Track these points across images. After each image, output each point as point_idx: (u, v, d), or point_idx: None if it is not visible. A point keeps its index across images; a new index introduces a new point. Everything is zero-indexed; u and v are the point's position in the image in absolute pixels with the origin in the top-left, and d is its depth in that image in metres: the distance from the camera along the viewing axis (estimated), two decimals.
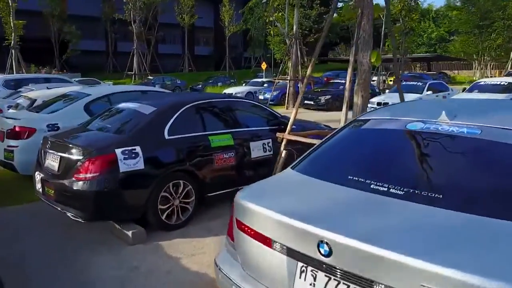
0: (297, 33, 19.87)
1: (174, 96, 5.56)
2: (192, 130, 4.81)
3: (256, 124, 5.62)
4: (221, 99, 5.43)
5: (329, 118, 15.89)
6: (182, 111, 4.81)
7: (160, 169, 4.39)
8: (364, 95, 5.02)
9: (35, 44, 35.45)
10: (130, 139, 4.34)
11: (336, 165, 2.59)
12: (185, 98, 5.21)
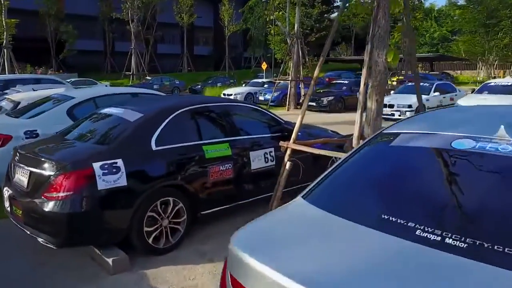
0: (298, 32, 19.27)
1: (165, 100, 4.96)
2: (184, 139, 4.22)
3: (257, 131, 5.03)
4: (217, 103, 4.84)
5: (332, 120, 15.33)
6: (172, 117, 4.22)
7: (146, 185, 3.80)
8: (379, 99, 4.43)
9: (31, 44, 34.88)
10: (110, 151, 3.75)
11: (363, 196, 1.99)
12: (176, 103, 4.62)
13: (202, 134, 4.45)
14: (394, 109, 14.51)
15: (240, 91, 22.77)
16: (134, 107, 4.46)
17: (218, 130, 4.67)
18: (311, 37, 25.93)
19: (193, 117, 4.48)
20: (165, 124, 4.12)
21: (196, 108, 4.52)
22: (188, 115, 4.40)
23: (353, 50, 57.69)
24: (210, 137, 4.46)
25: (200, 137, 4.38)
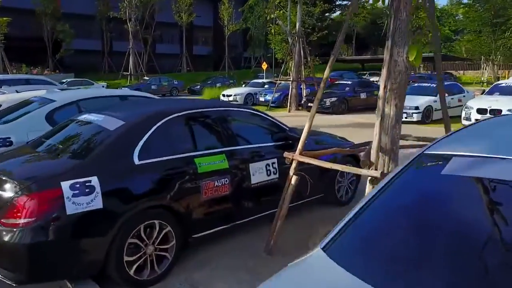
0: (300, 31, 18.67)
1: (152, 105, 4.36)
2: (173, 151, 3.62)
3: (258, 139, 4.43)
4: (212, 108, 4.23)
5: (336, 122, 14.73)
6: (159, 125, 3.62)
7: (127, 207, 3.20)
8: (398, 104, 3.83)
9: (27, 44, 34.28)
10: (84, 166, 3.15)
11: (406, 254, 1.38)
12: (165, 108, 4.02)
13: (194, 144, 3.85)
14: None
15: (240, 91, 22.17)
16: (115, 113, 3.86)
17: (212, 139, 4.07)
18: (313, 37, 25.29)
19: (183, 125, 3.89)
20: (150, 133, 3.53)
21: (187, 114, 3.92)
22: (177, 123, 3.80)
23: (354, 50, 57.11)
24: (203, 148, 3.86)
25: (192, 148, 3.79)
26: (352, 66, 43.16)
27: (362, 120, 15.15)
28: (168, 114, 3.76)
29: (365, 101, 18.12)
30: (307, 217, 5.01)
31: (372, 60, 45.50)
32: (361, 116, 16.15)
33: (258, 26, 40.72)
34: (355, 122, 14.76)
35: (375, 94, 18.72)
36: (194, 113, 3.99)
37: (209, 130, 4.12)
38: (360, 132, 12.31)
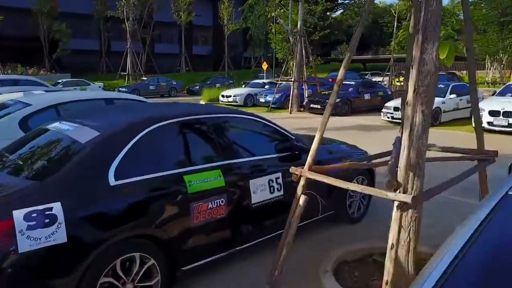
0: (301, 30, 18.06)
1: (136, 111, 3.75)
2: (157, 167, 3.02)
3: (260, 150, 3.82)
4: (206, 114, 3.61)
5: (340, 124, 14.11)
6: (141, 136, 3.01)
7: (99, 240, 2.60)
8: (425, 110, 3.23)
9: (23, 43, 33.68)
10: (44, 190, 2.54)
11: None
12: (151, 114, 3.41)
13: (183, 158, 3.25)
14: None
15: (240, 92, 21.56)
16: (91, 121, 3.25)
17: (206, 151, 3.46)
18: (315, 36, 24.70)
19: (171, 135, 3.28)
20: (130, 146, 2.92)
21: (176, 122, 3.30)
22: (164, 132, 3.20)
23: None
24: (195, 163, 3.26)
25: (181, 163, 3.18)
26: (353, 66, 42.54)
27: (367, 122, 14.55)
28: (153, 122, 3.15)
29: (369, 102, 17.53)
30: (313, 237, 4.41)
31: (373, 60, 44.91)
32: (365, 118, 15.56)
33: (258, 26, 40.09)
34: (359, 124, 14.16)
35: (379, 95, 18.12)
36: (185, 120, 3.38)
37: (202, 141, 3.51)
38: (366, 135, 11.71)
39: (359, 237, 4.52)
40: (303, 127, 13.67)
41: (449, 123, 13.66)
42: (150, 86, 28.41)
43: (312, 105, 17.02)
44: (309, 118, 16.30)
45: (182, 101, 25.17)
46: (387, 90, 19.00)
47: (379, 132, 12.54)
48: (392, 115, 13.69)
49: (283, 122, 15.99)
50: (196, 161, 3.29)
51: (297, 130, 13.40)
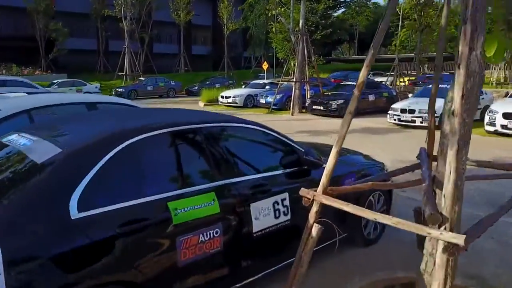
0: (303, 29, 17.44)
1: (114, 120, 3.11)
2: (135, 192, 2.40)
3: (263, 166, 3.21)
4: (198, 124, 2.96)
5: None
6: (115, 154, 2.39)
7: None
8: (467, 119, 2.60)
9: (19, 43, 33.05)
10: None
11: None
12: (131, 124, 2.79)
13: (168, 180, 2.64)
14: (415, 115, 12.72)
15: (240, 93, 20.93)
16: (55, 133, 2.64)
17: (197, 170, 2.84)
18: (316, 35, 24.09)
19: (154, 151, 2.66)
20: (100, 166, 2.30)
21: (160, 134, 2.68)
22: (144, 148, 2.57)
23: (356, 49, 55.90)
24: (182, 185, 2.64)
25: (165, 186, 2.56)
26: (354, 66, 41.90)
27: (372, 125, 13.92)
28: (130, 135, 2.53)
29: (373, 104, 16.91)
30: (325, 262, 3.79)
31: (375, 60, 44.25)
32: (370, 120, 14.92)
33: (259, 25, 39.52)
34: (364, 127, 13.52)
35: (383, 96, 17.51)
36: (171, 132, 2.75)
37: (192, 157, 2.88)
38: (373, 140, 11.05)
39: (376, 262, 3.93)
40: (305, 129, 13.06)
41: None
42: (148, 86, 27.81)
43: (315, 106, 16.40)
44: (311, 120, 15.68)
45: (181, 101, 24.54)
46: (392, 91, 18.39)
47: (386, 136, 11.92)
48: (399, 118, 13.08)
49: (285, 124, 15.40)
50: (184, 182, 2.67)
51: (299, 133, 12.80)
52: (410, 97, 14.54)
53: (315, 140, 11.52)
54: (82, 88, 24.75)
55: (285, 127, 13.77)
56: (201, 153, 2.86)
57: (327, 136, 11.86)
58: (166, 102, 24.58)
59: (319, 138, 11.41)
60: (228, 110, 19.37)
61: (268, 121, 15.92)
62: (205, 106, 21.64)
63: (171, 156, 2.75)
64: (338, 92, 17.07)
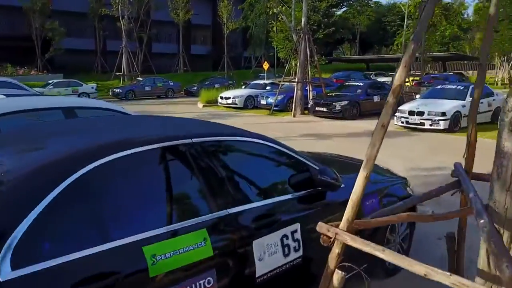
0: (305, 27, 16.82)
1: (82, 134, 2.45)
2: (96, 236, 1.78)
3: (267, 190, 2.59)
4: (185, 139, 2.29)
5: (348, 130, 12.86)
6: (70, 184, 1.76)
7: None
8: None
9: (14, 43, 32.41)
10: None
11: None
12: (102, 138, 2.16)
13: (144, 215, 2.00)
14: (424, 118, 12.08)
15: (240, 93, 20.29)
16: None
17: (183, 200, 2.21)
18: (319, 34, 23.44)
19: (124, 177, 2.03)
20: (46, 205, 1.67)
21: (133, 154, 2.04)
22: (110, 174, 1.94)
23: (358, 49, 55.25)
24: (163, 221, 2.01)
25: (140, 225, 1.93)
26: (356, 66, 41.31)
27: None
28: (94, 156, 1.90)
29: (378, 105, 16.27)
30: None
31: (377, 60, 43.69)
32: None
33: (259, 24, 38.88)
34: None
35: None
36: (151, 150, 2.12)
37: (176, 183, 2.24)
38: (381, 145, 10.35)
39: None
40: (308, 132, 12.44)
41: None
42: (146, 87, 27.18)
43: (318, 108, 15.77)
44: (314, 122, 15.06)
45: (179, 102, 23.90)
46: None
47: (394, 140, 11.26)
48: (407, 120, 12.45)
49: (286, 126, 14.72)
50: (166, 218, 2.04)
51: (302, 136, 12.15)
52: (418, 98, 13.90)
53: (320, 144, 10.91)
54: (78, 88, 24.15)
55: (287, 130, 13.15)
56: (189, 177, 2.23)
57: (331, 140, 11.24)
58: (164, 103, 23.96)
59: (324, 142, 10.79)
60: (227, 111, 18.76)
61: (269, 123, 15.31)
62: (204, 107, 21.02)
63: (149, 182, 2.12)
64: (341, 93, 16.46)
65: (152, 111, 18.90)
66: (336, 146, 10.41)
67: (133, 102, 24.17)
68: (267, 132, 13.97)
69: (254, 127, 14.26)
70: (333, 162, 3.77)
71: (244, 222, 2.30)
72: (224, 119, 16.12)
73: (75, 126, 2.59)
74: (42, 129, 2.65)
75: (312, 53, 17.26)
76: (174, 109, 19.83)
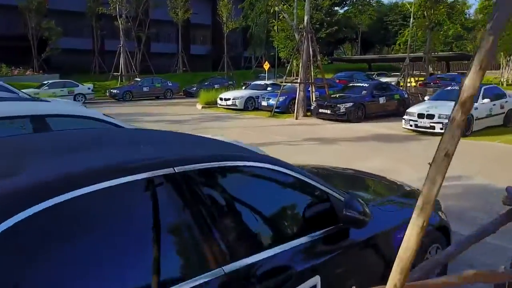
0: (308, 26, 16.18)
1: (40, 158, 1.81)
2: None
3: (277, 232, 1.96)
4: (168, 167, 1.68)
5: (353, 133, 12.20)
6: (11, 228, 1.14)
7: None
8: None
9: (10, 42, 31.74)
10: None
11: None
12: (66, 166, 1.53)
13: (109, 274, 1.38)
14: (435, 121, 11.45)
15: (240, 94, 19.64)
16: None
17: (152, 264, 1.58)
18: (321, 33, 22.78)
19: (91, 218, 1.40)
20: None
21: (84, 195, 1.42)
22: (74, 215, 1.32)
23: (359, 49, 54.58)
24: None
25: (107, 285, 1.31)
26: (357, 66, 40.65)
27: (385, 131, 12.67)
28: (53, 191, 1.28)
29: (384, 107, 15.68)
30: None
31: (379, 60, 43.03)
32: (383, 125, 13.67)
33: (259, 24, 38.23)
34: (377, 133, 12.27)
35: (395, 99, 16.25)
36: (110, 189, 1.49)
37: (147, 237, 1.60)
38: (391, 151, 9.60)
39: None
40: (312, 136, 11.80)
41: (482, 132, 11.79)
42: (144, 87, 26.55)
43: (321, 110, 15.13)
44: (318, 125, 14.43)
45: (178, 103, 23.22)
46: (403, 93, 17.13)
47: (404, 145, 10.64)
48: (416, 123, 11.81)
49: (289, 129, 14.02)
50: (140, 282, 1.41)
51: (305, 140, 11.48)
52: (427, 100, 13.25)
53: (325, 149, 10.22)
54: (74, 89, 23.53)
55: (289, 133, 12.50)
56: (166, 226, 1.60)
57: (337, 145, 10.60)
58: (162, 104, 23.33)
59: (329, 147, 10.14)
60: (227, 113, 18.13)
61: (270, 126, 14.66)
62: (203, 108, 20.39)
63: (101, 239, 1.48)
64: (346, 94, 15.81)
65: (149, 113, 18.27)
66: (343, 151, 9.78)
67: (130, 103, 23.54)
68: (268, 135, 13.31)
69: (255, 130, 13.63)
70: (352, 181, 3.14)
71: (245, 284, 1.67)
72: (223, 122, 15.48)
73: (19, 146, 1.94)
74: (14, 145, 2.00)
75: (315, 52, 16.62)
76: (172, 111, 19.20)
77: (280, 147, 9.97)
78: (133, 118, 15.67)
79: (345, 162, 8.49)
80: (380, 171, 7.76)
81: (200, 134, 5.05)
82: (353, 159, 8.80)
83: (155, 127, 12.97)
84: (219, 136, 4.62)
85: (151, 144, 2.05)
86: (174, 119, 15.82)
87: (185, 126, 13.90)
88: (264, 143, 10.26)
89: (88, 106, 19.00)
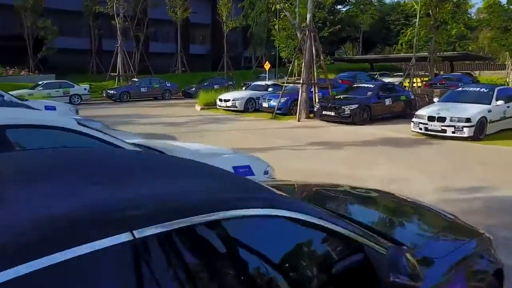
0: (311, 24, 15.56)
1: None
2: None
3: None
4: (124, 230, 1.09)
5: (359, 137, 11.54)
6: None
7: None
8: None
9: (5, 42, 31.09)
10: None
11: None
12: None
13: None
14: (446, 124, 10.82)
15: (240, 95, 19.00)
16: None
17: None
18: (324, 32, 22.16)
19: None
20: None
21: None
22: None
23: (361, 49, 53.96)
24: None
25: None
26: (359, 66, 40.01)
27: (393, 134, 12.03)
28: None
29: (390, 109, 15.05)
30: None
31: (381, 60, 42.40)
32: (390, 128, 13.02)
33: (260, 23, 37.62)
34: (384, 137, 11.63)
35: (401, 100, 15.63)
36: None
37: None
38: (397, 155, 8.88)
39: None
40: (316, 140, 11.16)
41: (496, 135, 11.15)
42: (142, 88, 25.93)
43: (325, 111, 14.50)
44: (321, 127, 13.81)
45: (176, 104, 22.53)
46: (409, 94, 16.51)
47: (415, 150, 9.98)
48: (426, 126, 11.18)
49: (291, 132, 13.23)
50: None
51: (309, 145, 10.75)
52: (436, 102, 12.62)
53: (332, 155, 9.45)
54: (69, 90, 22.89)
55: (291, 137, 11.84)
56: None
57: (344, 150, 9.95)
58: (160, 105, 22.69)
59: (336, 152, 9.48)
60: (227, 115, 17.50)
61: (272, 129, 13.97)
62: (202, 109, 19.76)
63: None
64: (350, 95, 15.18)
65: (146, 114, 17.65)
66: (349, 157, 9.15)
67: (127, 104, 22.91)
68: (269, 139, 12.44)
69: (255, 133, 12.98)
70: (381, 208, 2.50)
71: None
72: (222, 124, 14.85)
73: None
74: None
75: (318, 52, 16.01)
76: (170, 112, 18.57)
77: (282, 152, 9.35)
78: (129, 120, 15.05)
79: (351, 170, 7.86)
80: (391, 180, 7.18)
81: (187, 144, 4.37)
82: (360, 165, 8.17)
83: (150, 129, 12.33)
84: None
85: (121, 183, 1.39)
86: (171, 121, 15.19)
87: (182, 129, 13.28)
88: (265, 148, 9.63)
89: (84, 108, 18.39)
